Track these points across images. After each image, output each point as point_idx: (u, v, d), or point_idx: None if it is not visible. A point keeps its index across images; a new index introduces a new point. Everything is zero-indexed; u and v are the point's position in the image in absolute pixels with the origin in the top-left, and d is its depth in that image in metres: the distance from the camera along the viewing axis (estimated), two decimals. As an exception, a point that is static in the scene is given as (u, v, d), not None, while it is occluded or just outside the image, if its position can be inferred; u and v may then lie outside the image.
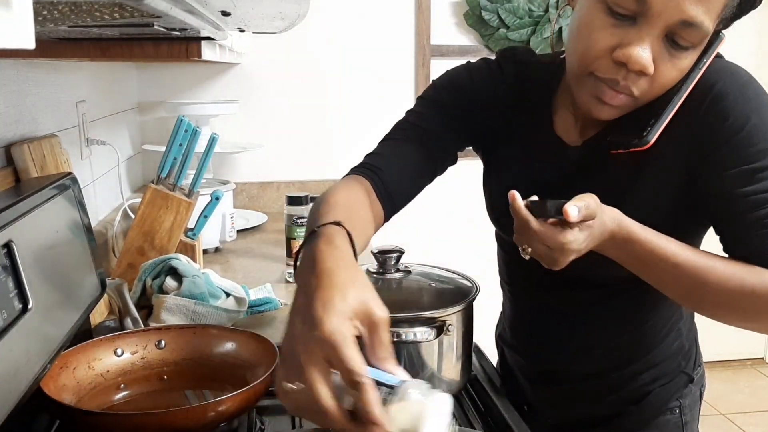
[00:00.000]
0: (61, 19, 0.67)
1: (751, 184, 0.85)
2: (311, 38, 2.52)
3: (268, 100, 2.54)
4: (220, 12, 0.93)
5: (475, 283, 1.04)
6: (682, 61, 0.85)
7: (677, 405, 1.06)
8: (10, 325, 0.74)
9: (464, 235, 2.75)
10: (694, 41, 0.83)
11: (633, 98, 0.87)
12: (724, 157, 0.86)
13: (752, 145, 0.85)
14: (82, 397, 0.95)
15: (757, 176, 0.85)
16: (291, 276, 1.68)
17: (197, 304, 1.31)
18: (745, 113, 0.85)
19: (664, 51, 0.83)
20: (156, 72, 2.46)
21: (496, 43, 2.61)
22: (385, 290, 1.05)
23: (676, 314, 1.05)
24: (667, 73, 0.85)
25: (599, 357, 1.05)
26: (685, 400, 1.07)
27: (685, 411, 1.07)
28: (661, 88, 0.86)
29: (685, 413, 1.07)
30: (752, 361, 3.57)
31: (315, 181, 2.58)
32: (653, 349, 1.04)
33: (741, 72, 0.89)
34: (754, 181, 0.85)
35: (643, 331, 1.03)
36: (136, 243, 1.48)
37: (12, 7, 0.34)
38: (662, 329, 1.04)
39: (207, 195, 1.63)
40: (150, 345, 1.06)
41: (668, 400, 1.06)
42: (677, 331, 1.06)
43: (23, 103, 1.30)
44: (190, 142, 1.52)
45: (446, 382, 0.97)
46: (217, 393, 0.96)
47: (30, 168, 1.19)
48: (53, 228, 0.93)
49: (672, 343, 1.05)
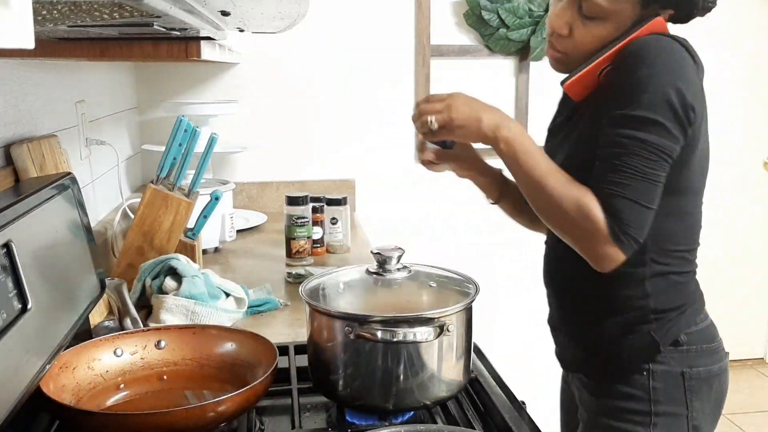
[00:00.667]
0: (61, 19, 0.67)
1: (617, 127, 1.05)
2: (311, 38, 2.52)
3: (268, 100, 2.54)
4: (219, 12, 0.93)
5: (475, 283, 1.04)
6: (594, 29, 1.12)
7: (646, 368, 1.17)
8: (9, 325, 0.74)
9: (464, 235, 2.75)
10: (595, 13, 1.11)
11: (561, 54, 1.18)
12: (612, 100, 1.08)
13: (633, 94, 1.05)
14: (82, 398, 0.95)
15: (625, 121, 1.05)
16: (290, 276, 1.68)
17: (197, 304, 1.31)
18: (639, 67, 1.05)
19: (578, 19, 1.13)
20: (155, 72, 2.46)
21: (496, 43, 2.61)
22: (385, 290, 1.05)
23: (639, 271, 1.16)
24: (582, 38, 1.14)
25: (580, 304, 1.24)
26: (656, 367, 1.17)
27: (656, 379, 1.17)
28: (579, 47, 1.15)
29: (656, 384, 1.17)
30: (752, 362, 3.57)
31: (315, 181, 2.58)
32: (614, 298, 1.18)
33: (659, 41, 1.07)
34: (621, 125, 1.05)
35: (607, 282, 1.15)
36: (136, 243, 1.48)
37: (11, 7, 0.34)
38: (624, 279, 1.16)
39: (206, 195, 1.63)
40: (149, 345, 1.06)
41: (635, 358, 1.18)
42: (642, 288, 1.17)
43: (23, 103, 1.30)
44: (190, 142, 1.52)
45: (446, 382, 0.97)
46: (216, 393, 0.95)
47: (29, 168, 1.19)
48: (53, 228, 0.93)
49: (635, 298, 1.17)
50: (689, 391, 1.18)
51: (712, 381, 1.20)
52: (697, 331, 1.20)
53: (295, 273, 1.68)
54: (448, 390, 0.97)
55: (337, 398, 0.99)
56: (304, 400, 1.04)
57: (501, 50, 2.64)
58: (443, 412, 1.01)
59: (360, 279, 1.06)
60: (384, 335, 0.90)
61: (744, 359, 3.54)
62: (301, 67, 2.55)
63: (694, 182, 1.16)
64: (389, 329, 0.90)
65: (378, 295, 1.05)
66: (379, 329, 0.90)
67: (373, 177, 2.66)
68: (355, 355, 0.94)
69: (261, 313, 1.46)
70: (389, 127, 2.64)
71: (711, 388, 1.21)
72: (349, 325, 0.92)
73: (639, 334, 1.17)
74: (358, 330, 0.91)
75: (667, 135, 1.04)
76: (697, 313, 1.21)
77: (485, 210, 1.44)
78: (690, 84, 1.06)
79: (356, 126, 2.62)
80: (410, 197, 2.71)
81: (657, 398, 1.18)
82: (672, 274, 1.18)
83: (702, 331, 1.21)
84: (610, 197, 1.05)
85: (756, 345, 3.57)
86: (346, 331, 0.92)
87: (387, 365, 0.92)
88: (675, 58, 1.06)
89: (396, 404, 0.95)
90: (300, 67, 2.55)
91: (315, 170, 2.61)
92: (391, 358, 0.92)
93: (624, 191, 1.04)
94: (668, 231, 1.15)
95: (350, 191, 2.59)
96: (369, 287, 1.06)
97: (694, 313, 1.20)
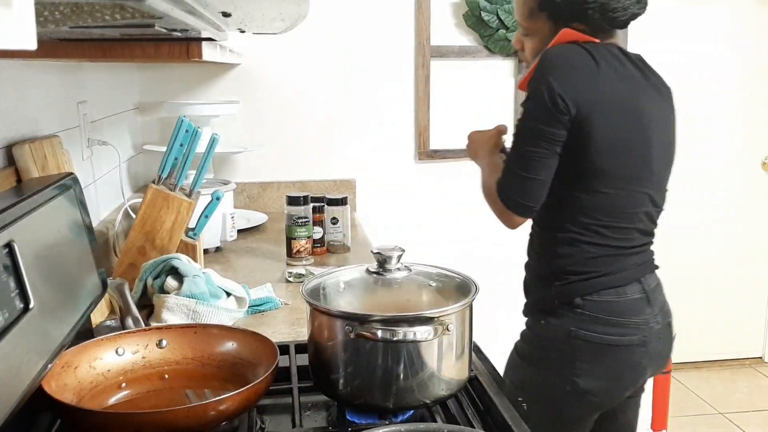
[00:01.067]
0: (63, 20, 0.68)
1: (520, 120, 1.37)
2: (311, 39, 2.53)
3: (269, 100, 2.55)
4: (220, 13, 0.93)
5: (475, 283, 1.04)
6: (529, 43, 1.47)
7: (545, 318, 1.43)
8: (11, 324, 0.75)
9: (464, 234, 2.75)
10: (527, 31, 1.47)
11: (524, 61, 1.64)
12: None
13: (528, 91, 1.36)
14: (83, 397, 0.95)
15: (521, 113, 1.37)
16: (291, 276, 1.68)
17: (198, 303, 1.31)
18: (536, 70, 1.33)
19: (522, 38, 1.50)
20: (157, 72, 2.47)
21: (495, 43, 2.62)
22: (385, 290, 1.05)
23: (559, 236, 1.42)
24: (527, 50, 1.49)
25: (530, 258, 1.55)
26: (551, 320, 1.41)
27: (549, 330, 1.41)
28: (528, 56, 1.49)
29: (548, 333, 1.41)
30: (750, 361, 3.57)
31: (315, 181, 2.58)
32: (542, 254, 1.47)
33: (556, 49, 1.36)
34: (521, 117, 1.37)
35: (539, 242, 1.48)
36: (137, 243, 1.48)
37: (13, 8, 0.34)
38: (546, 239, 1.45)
39: (208, 195, 1.64)
40: (151, 344, 1.06)
41: (540, 308, 1.45)
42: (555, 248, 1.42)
43: (25, 103, 1.30)
44: (191, 143, 1.52)
45: (446, 381, 0.97)
46: (217, 392, 0.96)
47: (31, 168, 1.20)
48: (55, 228, 0.93)
49: (550, 256, 1.43)
50: (577, 351, 1.37)
51: (605, 351, 1.37)
52: (598, 301, 1.37)
53: (296, 272, 1.69)
54: (448, 389, 0.98)
55: (337, 397, 0.99)
56: (305, 399, 1.04)
57: (500, 51, 2.64)
58: (443, 411, 1.01)
59: (360, 279, 1.06)
60: (384, 334, 0.90)
61: (742, 359, 3.55)
62: (302, 67, 2.55)
63: (599, 164, 1.34)
64: (389, 328, 0.90)
65: (378, 294, 1.06)
66: (380, 328, 0.91)
67: (374, 177, 2.66)
68: (356, 354, 0.94)
69: (262, 312, 1.46)
70: (389, 127, 2.64)
71: (604, 356, 1.38)
72: (350, 325, 0.92)
73: (547, 288, 1.42)
74: (358, 329, 0.91)
75: (539, 119, 1.32)
76: (603, 286, 1.38)
77: (485, 210, 1.46)
78: (566, 79, 1.31)
79: (356, 126, 2.62)
80: (410, 197, 2.71)
81: (545, 345, 1.42)
82: (582, 242, 1.38)
83: (603, 302, 1.37)
84: (503, 174, 1.39)
85: (754, 345, 3.57)
86: (346, 330, 0.93)
87: (387, 364, 0.93)
88: (560, 62, 1.33)
89: (396, 403, 0.95)
90: (301, 67, 2.55)
91: (315, 170, 2.61)
92: (391, 357, 0.93)
93: (510, 166, 1.38)
94: (581, 205, 1.37)
95: (350, 191, 2.59)
96: (369, 287, 1.06)
97: (598, 285, 1.38)
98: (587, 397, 1.39)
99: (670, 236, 3.10)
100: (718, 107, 3.25)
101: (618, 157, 1.34)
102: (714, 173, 3.32)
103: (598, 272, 1.38)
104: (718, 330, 3.47)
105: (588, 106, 1.30)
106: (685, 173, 3.40)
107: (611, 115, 1.32)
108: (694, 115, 3.17)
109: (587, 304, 1.37)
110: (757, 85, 3.22)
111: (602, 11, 1.35)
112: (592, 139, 1.31)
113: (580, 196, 1.36)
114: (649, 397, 2.84)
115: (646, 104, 1.38)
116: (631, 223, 1.39)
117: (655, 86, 1.44)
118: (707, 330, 3.44)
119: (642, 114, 1.36)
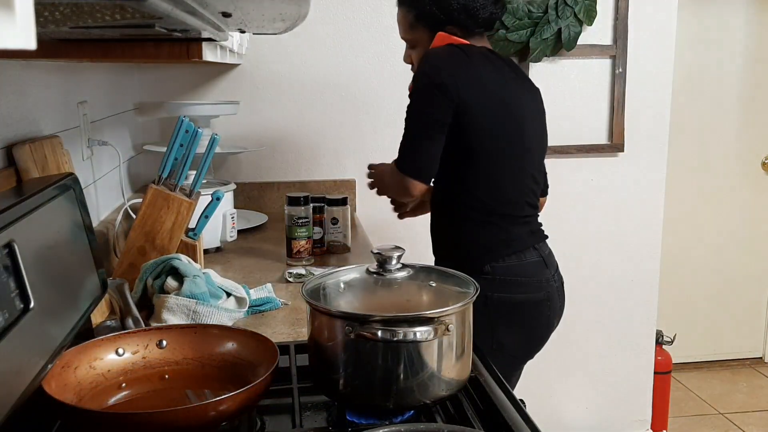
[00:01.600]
0: (63, 21, 0.68)
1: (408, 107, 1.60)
2: (312, 39, 2.53)
3: (269, 100, 2.55)
4: (221, 13, 0.93)
5: (475, 283, 1.04)
6: (416, 53, 1.71)
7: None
8: (11, 324, 0.75)
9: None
10: (410, 44, 1.73)
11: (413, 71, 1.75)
12: None
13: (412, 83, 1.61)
14: (83, 397, 0.95)
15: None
16: (291, 276, 1.68)
17: (198, 303, 1.31)
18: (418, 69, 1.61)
19: (409, 51, 1.75)
20: (157, 73, 2.47)
21: (495, 44, 2.62)
22: (385, 290, 1.05)
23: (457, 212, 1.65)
24: (415, 60, 1.71)
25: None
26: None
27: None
28: (416, 64, 1.68)
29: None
30: (751, 361, 3.57)
31: (315, 182, 2.58)
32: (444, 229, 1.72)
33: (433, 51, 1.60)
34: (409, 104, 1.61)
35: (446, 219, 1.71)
36: (138, 243, 1.48)
37: (13, 8, 0.34)
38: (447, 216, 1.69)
39: (208, 195, 1.64)
40: (151, 345, 1.06)
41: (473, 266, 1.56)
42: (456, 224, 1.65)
43: (25, 103, 1.30)
44: (191, 143, 1.52)
45: (446, 381, 0.97)
46: (217, 392, 0.96)
47: (31, 168, 1.20)
48: (55, 228, 0.93)
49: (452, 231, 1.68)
50: (495, 314, 1.55)
51: (517, 308, 1.58)
52: (504, 266, 1.58)
53: (296, 273, 1.69)
54: (448, 389, 0.98)
55: (337, 397, 0.99)
56: (305, 399, 1.04)
57: (500, 51, 2.64)
58: (443, 411, 1.01)
59: (360, 279, 1.07)
60: (384, 335, 0.90)
61: (743, 359, 3.55)
62: (302, 67, 2.55)
63: (479, 144, 1.55)
64: (389, 329, 0.90)
65: (378, 294, 1.06)
66: (380, 329, 0.91)
67: (374, 177, 2.66)
68: (356, 354, 0.94)
69: (262, 312, 1.46)
70: (389, 127, 2.64)
71: (519, 314, 1.58)
72: (350, 325, 0.92)
73: (457, 261, 1.47)
74: (358, 329, 0.91)
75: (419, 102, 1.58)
76: (505, 254, 1.59)
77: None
78: (438, 69, 1.55)
79: (356, 126, 2.62)
80: (411, 197, 2.70)
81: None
82: (475, 218, 1.60)
83: (508, 266, 1.58)
84: (399, 153, 1.61)
85: (755, 345, 3.57)
86: (346, 330, 0.93)
87: (387, 364, 0.93)
88: (438, 55, 1.57)
89: (396, 403, 0.95)
90: (301, 67, 2.55)
91: (315, 170, 2.61)
92: (391, 357, 0.93)
93: (403, 143, 1.61)
94: (468, 184, 1.58)
95: (350, 191, 2.59)
96: (369, 287, 1.06)
97: (500, 253, 1.59)
98: (510, 352, 1.60)
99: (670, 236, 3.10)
100: (718, 107, 3.26)
101: (495, 137, 1.56)
102: (714, 173, 3.32)
103: (495, 243, 1.59)
104: (718, 330, 3.47)
105: (466, 89, 1.53)
106: (685, 173, 3.41)
107: (485, 97, 1.55)
108: (695, 115, 3.18)
109: (494, 269, 1.57)
110: (757, 85, 3.22)
111: (465, 10, 1.60)
112: (470, 121, 1.53)
113: (466, 176, 1.57)
114: (649, 397, 2.84)
115: (517, 92, 1.62)
116: (521, 196, 1.61)
117: (526, 83, 1.69)
118: (707, 330, 3.45)
119: (513, 99, 1.59)
